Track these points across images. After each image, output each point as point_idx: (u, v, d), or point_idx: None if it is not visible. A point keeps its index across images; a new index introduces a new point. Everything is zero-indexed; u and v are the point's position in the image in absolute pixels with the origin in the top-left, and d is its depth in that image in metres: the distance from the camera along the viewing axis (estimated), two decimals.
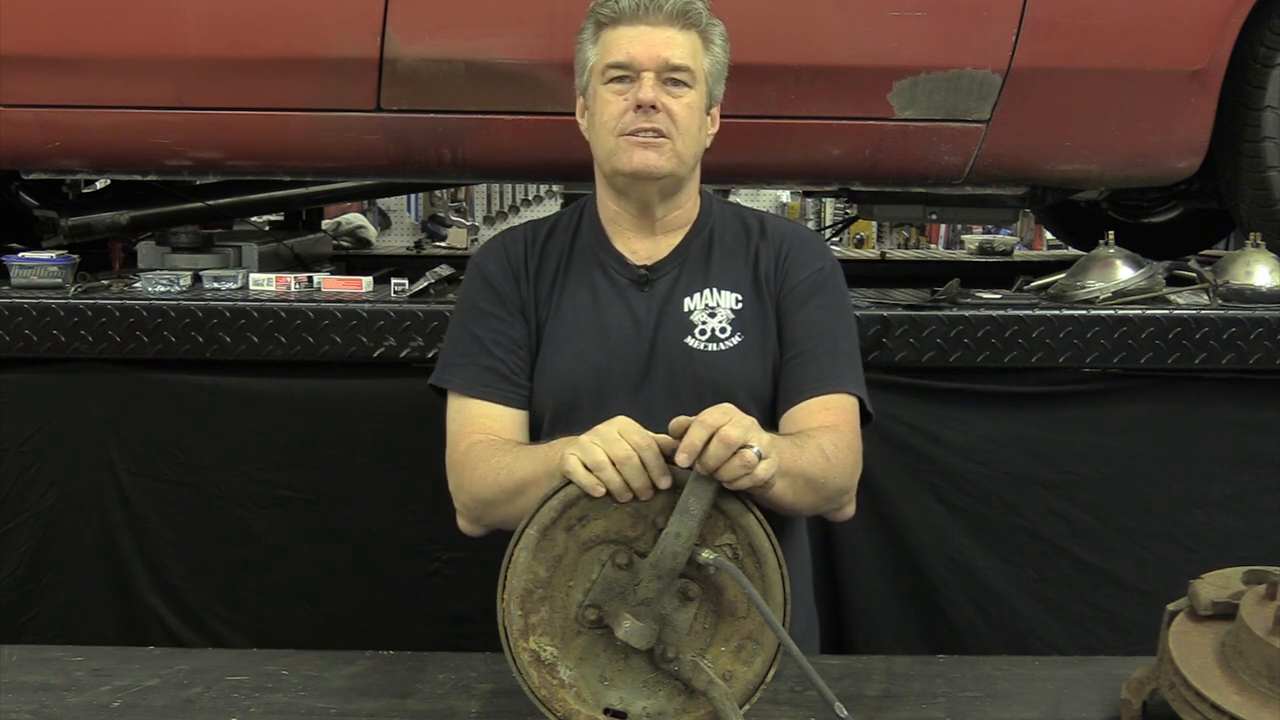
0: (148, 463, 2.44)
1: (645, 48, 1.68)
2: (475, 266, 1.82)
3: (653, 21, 1.69)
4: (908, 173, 2.70)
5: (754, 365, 1.73)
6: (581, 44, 1.76)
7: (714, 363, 1.72)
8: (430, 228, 6.55)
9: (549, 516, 1.38)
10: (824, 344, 1.74)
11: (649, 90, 1.67)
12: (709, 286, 1.76)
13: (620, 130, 1.69)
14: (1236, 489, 2.45)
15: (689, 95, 1.70)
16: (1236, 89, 2.63)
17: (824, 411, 1.70)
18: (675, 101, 1.69)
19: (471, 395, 1.71)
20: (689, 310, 1.74)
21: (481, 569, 1.63)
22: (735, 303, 1.75)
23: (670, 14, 1.69)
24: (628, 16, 1.70)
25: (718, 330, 1.73)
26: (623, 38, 1.70)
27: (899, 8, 2.51)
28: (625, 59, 1.69)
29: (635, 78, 1.69)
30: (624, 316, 1.74)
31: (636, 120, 1.68)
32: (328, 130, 2.59)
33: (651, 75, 1.68)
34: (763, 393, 1.74)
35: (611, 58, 1.70)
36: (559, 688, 1.39)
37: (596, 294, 1.76)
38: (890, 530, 2.43)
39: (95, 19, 2.47)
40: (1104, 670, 1.66)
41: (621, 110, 1.69)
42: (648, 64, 1.68)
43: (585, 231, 1.81)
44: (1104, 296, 2.47)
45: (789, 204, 6.80)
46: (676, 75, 1.69)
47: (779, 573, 1.40)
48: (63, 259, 2.54)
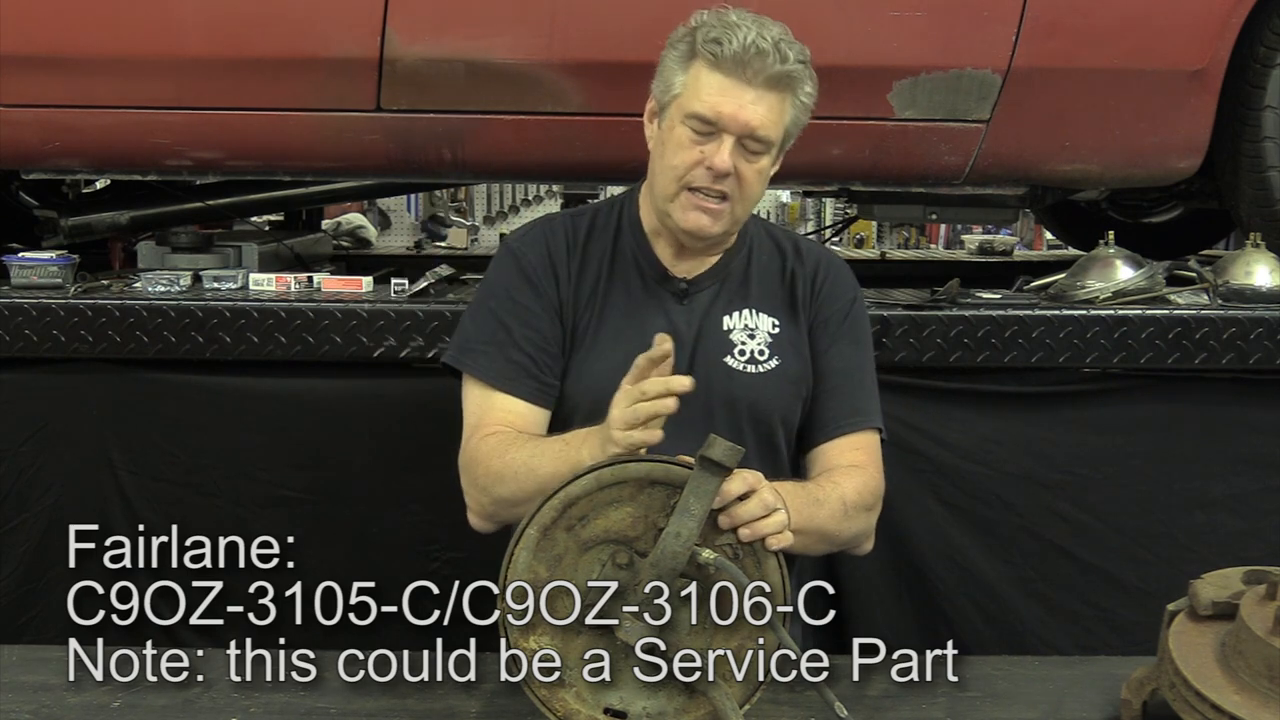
0: (148, 463, 2.43)
1: (735, 109, 1.63)
2: (512, 253, 1.78)
3: (752, 81, 1.63)
4: (908, 173, 2.70)
5: (788, 390, 1.76)
6: (671, 59, 1.69)
7: (753, 385, 1.74)
8: (430, 228, 6.54)
9: (549, 516, 1.38)
10: (854, 378, 1.78)
11: (726, 158, 1.63)
12: (748, 307, 1.77)
13: (687, 183, 1.66)
14: (1236, 489, 2.45)
15: (762, 161, 1.68)
16: (1236, 89, 2.63)
17: (854, 451, 1.75)
18: (748, 167, 1.66)
19: (496, 387, 1.70)
20: (728, 329, 1.75)
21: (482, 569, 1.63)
22: (773, 327, 1.76)
23: (771, 78, 1.63)
24: (728, 66, 1.62)
25: (756, 352, 1.74)
26: (715, 88, 1.63)
27: (899, 8, 2.51)
28: (713, 116, 1.63)
29: (716, 135, 1.64)
30: (665, 328, 1.71)
31: (705, 180, 1.65)
32: (328, 130, 2.59)
33: (732, 140, 1.63)
34: (791, 419, 1.77)
35: (699, 107, 1.64)
36: (559, 687, 1.39)
37: (638, 303, 1.76)
38: (890, 530, 2.43)
39: (95, 19, 2.47)
40: (1104, 670, 1.66)
41: (693, 162, 1.65)
42: (733, 128, 1.63)
43: (626, 234, 1.80)
44: (1104, 296, 2.47)
45: (789, 204, 6.80)
46: (756, 145, 1.66)
47: (779, 573, 1.40)
48: (63, 259, 2.54)
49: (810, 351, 1.77)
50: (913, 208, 2.97)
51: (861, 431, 1.76)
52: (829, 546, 1.69)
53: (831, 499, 1.62)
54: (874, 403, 1.79)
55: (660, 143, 1.71)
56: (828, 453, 1.75)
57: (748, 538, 1.39)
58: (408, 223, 6.67)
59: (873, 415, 1.78)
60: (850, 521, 1.66)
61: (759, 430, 1.73)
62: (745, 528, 1.39)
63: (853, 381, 1.77)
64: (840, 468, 1.72)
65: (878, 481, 1.75)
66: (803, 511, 1.52)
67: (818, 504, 1.60)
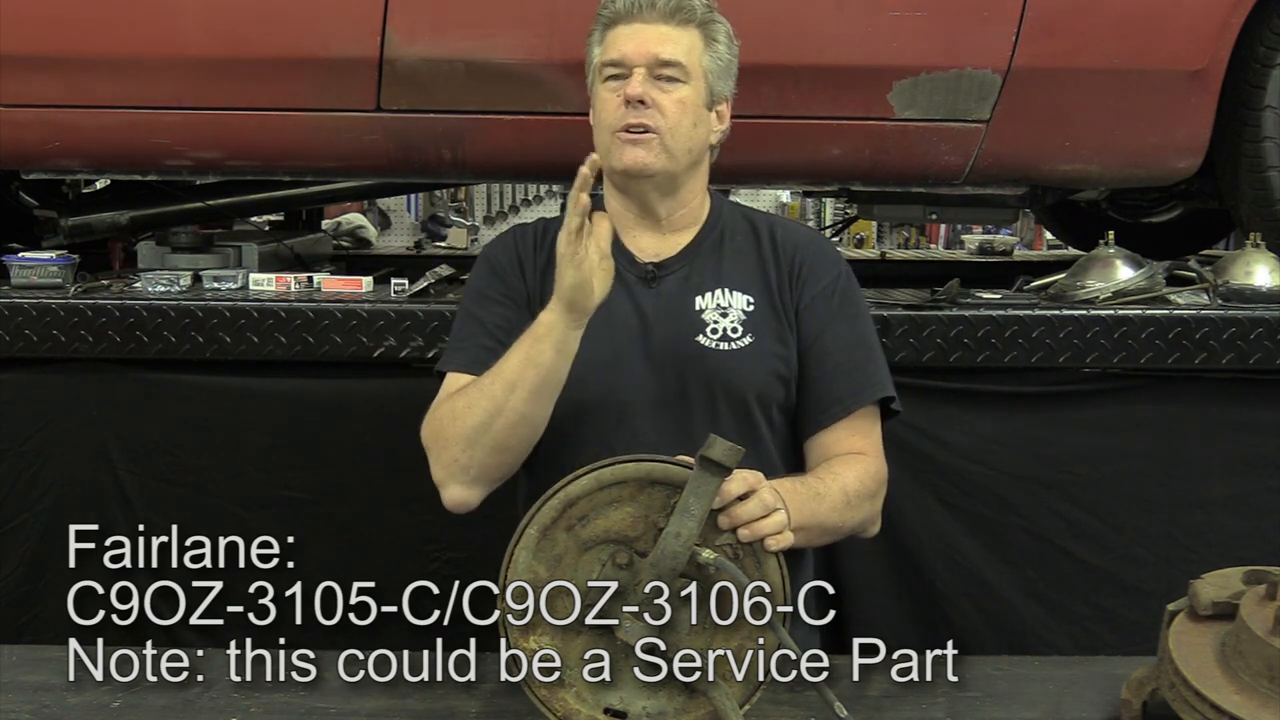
0: (148, 463, 2.43)
1: (637, 45, 1.70)
2: (484, 257, 1.84)
3: (647, 19, 1.71)
4: (908, 173, 2.70)
5: (764, 367, 1.74)
6: (589, 45, 1.78)
7: (725, 362, 1.73)
8: (430, 228, 6.54)
9: (549, 516, 1.39)
10: (855, 355, 1.77)
11: (636, 85, 1.68)
12: (721, 286, 1.76)
13: (613, 126, 1.70)
14: (1236, 489, 2.45)
15: (682, 90, 1.71)
16: (1236, 89, 2.63)
17: (852, 438, 1.74)
18: (666, 97, 1.70)
19: (464, 371, 1.72)
20: (700, 309, 1.75)
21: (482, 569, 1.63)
22: (747, 304, 1.76)
23: (664, 11, 1.71)
24: (624, 16, 1.72)
25: (729, 330, 1.74)
26: (619, 36, 1.72)
27: (899, 8, 2.51)
28: (618, 56, 1.71)
29: (629, 74, 1.70)
30: (630, 313, 1.74)
31: (626, 116, 1.69)
32: (328, 130, 2.59)
33: (642, 71, 1.69)
34: (770, 396, 1.75)
35: (607, 56, 1.73)
36: (559, 688, 1.39)
37: None
38: (890, 529, 2.42)
39: (95, 19, 2.47)
40: (1104, 670, 1.66)
41: (615, 107, 1.70)
42: (638, 60, 1.70)
43: None
44: (1104, 296, 2.47)
45: (789, 204, 6.80)
46: (668, 71, 1.70)
47: (779, 572, 1.40)
48: (63, 259, 2.54)
49: (801, 335, 1.76)
50: (913, 208, 2.97)
51: (861, 411, 1.75)
52: (833, 538, 1.69)
53: (833, 491, 1.62)
54: (879, 372, 1.78)
55: (593, 114, 1.77)
56: (826, 441, 1.74)
57: (747, 538, 1.39)
58: (408, 223, 6.67)
59: (876, 386, 1.76)
60: (853, 511, 1.66)
61: (736, 409, 1.73)
62: (745, 528, 1.39)
63: (854, 359, 1.76)
64: (840, 456, 1.72)
65: (879, 466, 1.74)
66: (804, 508, 1.52)
67: (818, 498, 1.59)
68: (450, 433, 1.65)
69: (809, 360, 1.76)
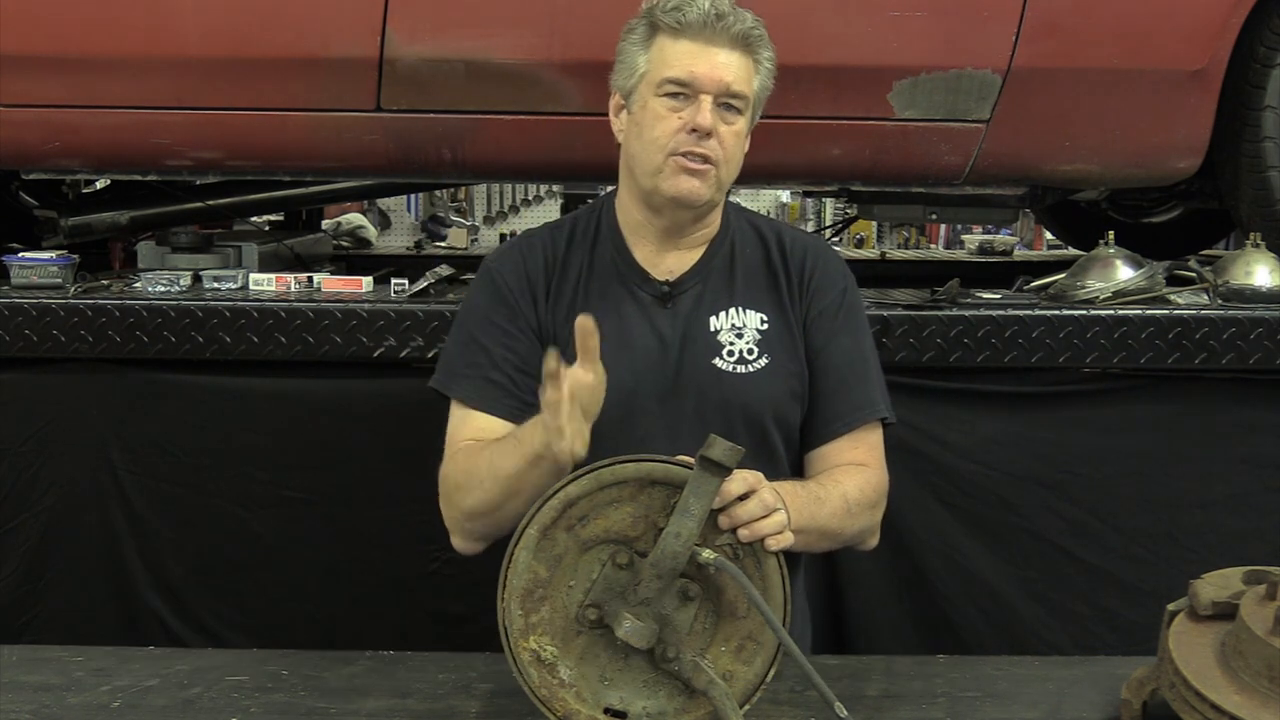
0: (148, 463, 2.44)
1: (710, 69, 1.64)
2: (489, 272, 1.77)
3: (717, 42, 1.65)
4: (908, 173, 2.70)
5: (780, 387, 1.73)
6: (630, 44, 1.71)
7: (743, 385, 1.71)
8: (430, 228, 6.55)
9: (549, 516, 1.39)
10: (856, 371, 1.76)
11: (708, 116, 1.63)
12: (734, 305, 1.74)
13: (672, 150, 1.65)
14: (1236, 489, 2.45)
15: (740, 122, 1.69)
16: (1236, 89, 2.63)
17: (854, 449, 1.73)
18: (727, 129, 1.66)
19: (474, 407, 1.69)
20: (715, 330, 1.73)
21: (481, 569, 1.63)
22: (760, 323, 1.74)
23: (734, 36, 1.65)
24: (692, 31, 1.65)
25: (745, 352, 1.72)
26: (686, 53, 1.65)
27: (899, 8, 2.51)
28: (687, 77, 1.64)
29: (693, 97, 1.64)
30: (649, 335, 1.72)
31: (689, 143, 1.64)
32: (328, 130, 2.59)
33: (710, 99, 1.64)
34: (787, 415, 1.75)
35: (671, 72, 1.65)
36: (559, 688, 1.39)
37: (620, 311, 1.73)
38: (890, 530, 2.42)
39: (95, 19, 2.47)
40: (1104, 670, 1.66)
41: (675, 129, 1.65)
42: (709, 87, 1.64)
43: (605, 240, 1.78)
44: (1104, 296, 2.47)
45: (789, 204, 6.80)
46: (734, 102, 1.67)
47: (779, 572, 1.40)
48: (63, 259, 2.54)
49: (807, 347, 1.75)
50: (913, 208, 2.97)
51: (863, 426, 1.74)
52: (832, 544, 1.68)
53: (833, 497, 1.62)
54: (877, 391, 1.77)
55: (635, 124, 1.70)
56: (829, 453, 1.74)
57: (747, 538, 1.39)
58: (408, 223, 6.67)
59: (876, 405, 1.76)
60: (853, 519, 1.65)
61: (753, 432, 1.71)
62: (745, 528, 1.39)
63: (854, 374, 1.75)
64: (842, 466, 1.72)
65: (880, 477, 1.74)
66: (804, 511, 1.52)
67: (819, 502, 1.59)
68: (455, 500, 1.65)
69: (812, 372, 1.75)
